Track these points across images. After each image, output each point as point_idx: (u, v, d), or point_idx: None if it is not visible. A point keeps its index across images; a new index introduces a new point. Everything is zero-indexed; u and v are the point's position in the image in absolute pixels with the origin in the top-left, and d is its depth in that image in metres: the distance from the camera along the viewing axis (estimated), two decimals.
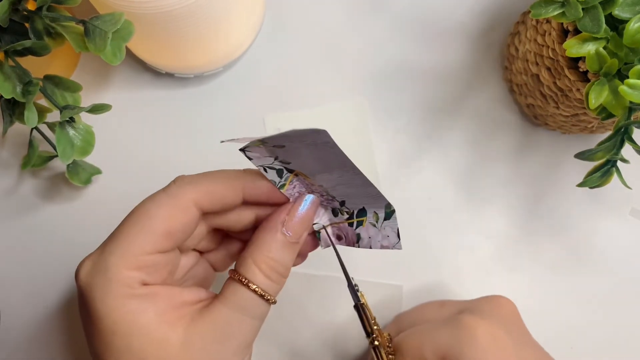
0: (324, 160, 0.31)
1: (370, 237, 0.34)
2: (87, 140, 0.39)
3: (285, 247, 0.31)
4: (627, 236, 0.45)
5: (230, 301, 0.30)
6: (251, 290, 0.30)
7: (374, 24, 0.48)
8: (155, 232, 0.30)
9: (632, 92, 0.30)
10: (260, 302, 0.31)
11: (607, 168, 0.33)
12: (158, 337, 0.29)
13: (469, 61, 0.47)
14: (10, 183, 0.46)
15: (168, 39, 0.40)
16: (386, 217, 0.33)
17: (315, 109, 0.46)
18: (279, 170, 0.32)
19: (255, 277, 0.30)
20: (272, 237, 0.31)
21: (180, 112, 0.47)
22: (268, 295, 0.31)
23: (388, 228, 0.33)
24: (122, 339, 0.29)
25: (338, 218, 0.35)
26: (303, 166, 0.32)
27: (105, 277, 0.29)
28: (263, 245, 0.31)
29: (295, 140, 0.30)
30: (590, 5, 0.31)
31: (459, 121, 0.46)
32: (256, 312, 0.31)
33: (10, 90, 0.35)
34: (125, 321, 0.29)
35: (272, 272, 0.31)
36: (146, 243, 0.30)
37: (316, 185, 0.33)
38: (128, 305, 0.29)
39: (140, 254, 0.30)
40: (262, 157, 0.32)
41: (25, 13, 0.35)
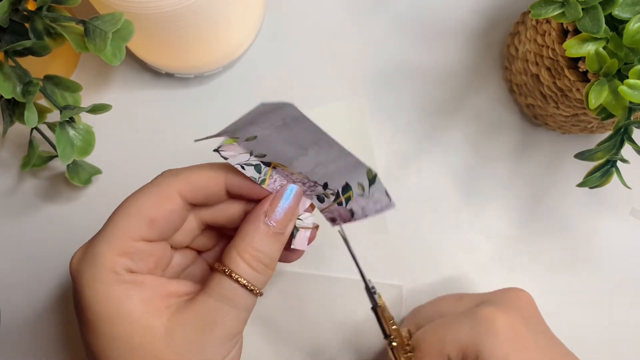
0: (297, 140, 0.31)
1: (362, 207, 0.33)
2: (87, 141, 0.39)
3: (269, 237, 0.31)
4: (627, 236, 0.45)
5: (213, 291, 0.31)
6: (234, 280, 0.30)
7: (374, 24, 0.48)
8: (139, 219, 0.31)
9: (631, 92, 0.30)
10: (244, 292, 0.31)
11: (607, 168, 0.33)
12: (143, 324, 0.30)
13: (468, 61, 0.47)
14: (10, 183, 0.46)
15: (168, 39, 0.40)
16: (371, 183, 0.33)
17: (315, 109, 0.46)
18: (256, 165, 0.32)
19: (239, 267, 0.31)
20: (255, 227, 0.31)
21: (180, 112, 0.47)
22: (252, 286, 0.31)
23: (376, 193, 0.33)
24: (108, 325, 0.30)
25: (325, 203, 0.34)
26: (278, 154, 0.32)
27: (93, 263, 0.30)
28: (246, 236, 0.31)
29: (264, 126, 0.30)
30: (590, 6, 0.31)
31: (459, 121, 0.46)
32: (240, 303, 0.31)
33: (11, 91, 0.35)
34: (111, 307, 0.30)
35: (256, 263, 0.31)
36: (131, 229, 0.31)
37: (296, 174, 0.33)
38: (114, 291, 0.30)
39: (125, 240, 0.30)
40: (237, 155, 0.32)
41: (26, 13, 0.35)
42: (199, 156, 0.46)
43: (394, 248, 0.44)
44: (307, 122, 0.29)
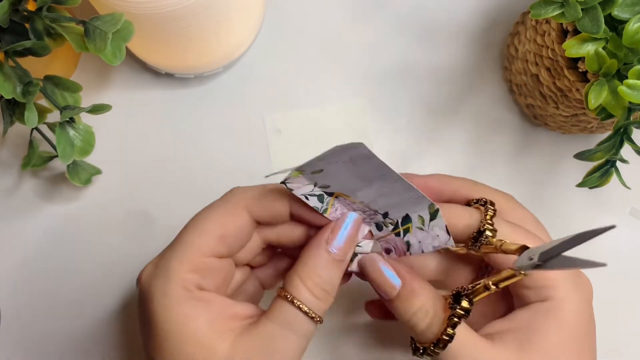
0: (363, 174, 0.31)
1: (419, 241, 0.33)
2: (87, 141, 0.39)
3: (330, 264, 0.32)
4: (626, 236, 0.45)
5: (276, 317, 0.31)
6: (296, 307, 0.31)
7: (374, 25, 0.48)
8: (210, 235, 0.31)
9: (631, 92, 0.30)
10: (306, 319, 0.31)
11: (607, 168, 0.33)
12: (207, 344, 0.30)
13: (468, 61, 0.47)
14: (10, 183, 0.46)
15: (168, 39, 0.40)
16: (432, 218, 0.33)
17: (315, 109, 0.46)
18: (319, 196, 0.33)
19: (301, 293, 0.31)
20: (318, 254, 0.32)
21: (180, 112, 0.47)
22: (313, 313, 0.31)
23: (436, 228, 0.32)
24: (173, 341, 0.30)
25: (383, 231, 0.34)
26: (342, 186, 0.32)
27: (164, 279, 0.31)
28: (308, 262, 0.32)
29: (332, 161, 0.30)
30: (590, 6, 0.31)
31: (459, 121, 0.46)
32: (301, 330, 0.31)
33: (11, 91, 0.35)
34: (179, 324, 0.30)
35: (317, 289, 0.31)
36: (203, 245, 0.31)
37: (357, 203, 0.33)
38: (182, 308, 0.30)
39: (197, 256, 0.31)
40: (302, 187, 0.32)
41: (26, 13, 0.35)
42: (199, 156, 0.46)
43: None
44: (375, 160, 0.30)
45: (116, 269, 0.45)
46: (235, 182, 0.45)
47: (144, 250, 0.45)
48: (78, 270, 0.45)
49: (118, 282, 0.44)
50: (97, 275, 0.45)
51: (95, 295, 0.44)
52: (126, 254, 0.45)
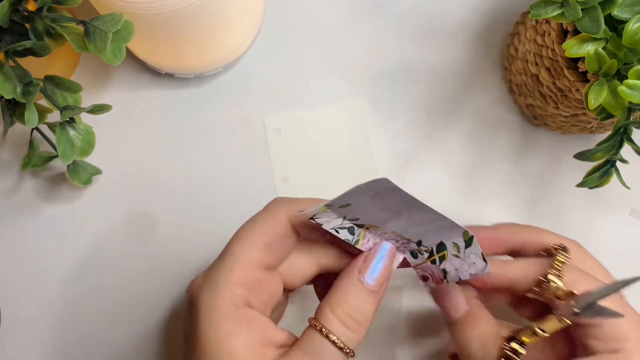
0: (391, 206, 0.31)
1: (456, 269, 0.33)
2: (88, 141, 0.39)
3: (362, 293, 0.31)
4: (626, 236, 0.45)
5: (306, 348, 0.30)
6: (327, 339, 0.30)
7: (374, 24, 0.48)
8: (256, 245, 0.31)
9: (631, 92, 0.30)
10: (336, 351, 0.30)
11: (607, 168, 0.33)
12: None
13: (468, 61, 0.47)
14: (10, 183, 0.46)
15: (168, 39, 0.40)
16: (467, 245, 0.32)
17: (315, 109, 0.47)
18: (349, 228, 0.32)
19: (332, 324, 0.30)
20: (349, 282, 0.31)
21: (180, 113, 0.47)
22: (342, 344, 0.30)
23: (472, 255, 0.32)
24: (211, 356, 0.30)
25: (419, 259, 0.34)
26: (371, 218, 0.32)
27: (213, 291, 0.30)
28: (340, 291, 0.31)
29: (357, 195, 0.30)
30: (590, 6, 0.31)
31: (459, 121, 0.46)
32: None
33: (11, 91, 0.35)
34: (218, 340, 0.30)
35: (348, 319, 0.31)
36: (250, 257, 0.31)
37: (389, 233, 0.33)
38: (226, 325, 0.30)
39: (245, 269, 0.31)
40: (331, 220, 0.32)
41: (26, 14, 0.35)
42: (199, 156, 0.46)
43: None
44: (401, 193, 0.29)
45: (116, 269, 0.45)
46: (235, 182, 0.45)
47: (144, 249, 0.45)
48: (78, 270, 0.45)
49: (118, 282, 0.44)
50: (97, 275, 0.45)
51: (95, 295, 0.44)
52: (127, 253, 0.45)
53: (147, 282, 0.44)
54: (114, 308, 0.44)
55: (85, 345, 0.44)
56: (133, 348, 0.44)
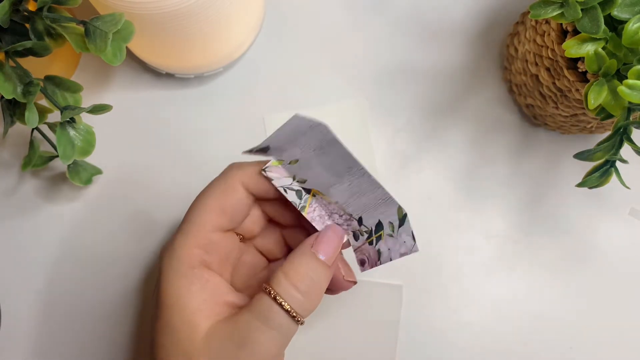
0: (333, 166, 0.32)
1: (389, 249, 0.33)
2: (88, 141, 0.39)
3: (314, 263, 0.32)
4: (626, 236, 0.45)
5: (254, 308, 0.31)
6: (273, 300, 0.31)
7: (374, 25, 0.48)
8: (211, 210, 0.34)
9: (630, 92, 0.30)
10: (283, 315, 0.31)
11: (606, 168, 0.33)
12: (191, 320, 0.31)
13: (468, 61, 0.47)
14: (10, 183, 0.46)
15: (168, 39, 0.40)
16: (401, 224, 0.33)
17: (315, 109, 0.47)
18: (297, 191, 0.34)
19: (282, 288, 0.31)
20: (302, 252, 0.32)
21: (181, 112, 0.47)
22: (290, 307, 0.31)
23: (403, 234, 0.33)
24: (168, 313, 0.32)
25: (359, 241, 0.35)
26: (318, 181, 0.33)
27: (171, 254, 0.33)
28: (293, 260, 0.32)
29: (303, 144, 0.31)
30: (589, 6, 0.31)
31: (459, 121, 0.46)
32: (276, 323, 0.31)
33: (11, 91, 0.35)
34: (174, 297, 0.32)
35: (300, 284, 0.31)
36: (205, 221, 0.33)
37: (333, 204, 0.34)
38: (181, 283, 0.32)
39: (201, 232, 0.33)
40: (282, 178, 0.34)
41: (26, 14, 0.35)
42: (199, 156, 0.46)
43: None
44: (339, 147, 0.30)
45: (117, 269, 0.45)
46: None
47: (144, 249, 0.45)
48: (78, 270, 0.45)
49: (119, 281, 0.44)
50: (97, 275, 0.45)
51: (95, 295, 0.44)
52: (127, 253, 0.45)
53: (147, 282, 0.44)
54: (115, 308, 0.44)
55: (86, 344, 0.44)
56: (135, 348, 0.44)
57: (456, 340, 0.44)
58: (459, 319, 0.44)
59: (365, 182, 0.32)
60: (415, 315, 0.44)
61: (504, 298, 0.44)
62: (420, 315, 0.44)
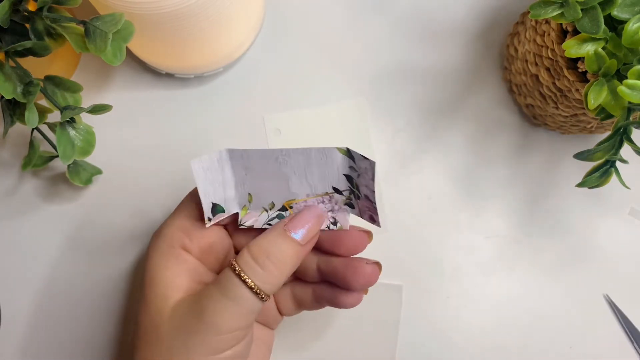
0: (266, 170, 0.34)
1: (364, 185, 0.34)
2: (88, 141, 0.39)
3: (282, 240, 0.32)
4: (626, 236, 0.45)
5: (218, 281, 0.32)
6: (239, 278, 0.31)
7: (374, 25, 0.48)
8: (197, 200, 0.34)
9: (630, 92, 0.30)
10: (244, 288, 0.31)
11: (606, 168, 0.33)
12: (164, 294, 0.33)
13: (468, 61, 0.47)
14: (10, 183, 0.46)
15: (168, 39, 0.40)
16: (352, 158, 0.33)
17: (315, 109, 0.47)
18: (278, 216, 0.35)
19: (247, 265, 0.32)
20: (271, 230, 0.33)
21: (181, 112, 0.47)
22: (257, 289, 0.31)
23: (359, 162, 0.33)
24: (148, 286, 0.34)
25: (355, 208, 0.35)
26: (278, 194, 0.35)
27: (157, 237, 0.35)
28: (261, 237, 0.33)
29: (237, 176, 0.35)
30: (589, 6, 0.31)
31: (459, 121, 0.46)
32: (236, 296, 0.31)
33: (11, 91, 0.35)
34: (154, 272, 0.34)
35: (262, 259, 0.32)
36: (192, 209, 0.35)
37: (309, 200, 0.35)
38: (159, 259, 0.34)
39: (186, 218, 0.35)
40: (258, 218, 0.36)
41: (26, 14, 0.35)
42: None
43: (393, 248, 0.45)
44: (250, 153, 0.33)
45: (117, 269, 0.45)
46: None
47: (144, 249, 0.45)
48: (78, 270, 0.45)
49: (119, 281, 0.44)
50: (98, 275, 0.45)
51: (96, 295, 0.44)
52: (127, 253, 0.45)
53: None
54: (116, 308, 0.44)
55: (86, 344, 0.44)
56: None
57: (456, 340, 0.44)
58: (459, 319, 0.44)
59: (300, 158, 0.33)
60: (415, 315, 0.44)
61: (504, 298, 0.44)
62: (420, 315, 0.44)
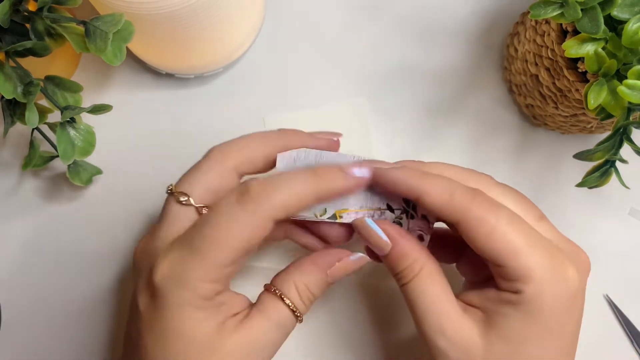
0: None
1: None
2: (88, 141, 0.39)
3: (322, 284, 0.34)
4: (625, 236, 0.45)
5: (268, 313, 0.33)
6: (286, 304, 0.33)
7: (374, 25, 0.48)
8: (235, 250, 0.31)
9: (630, 92, 0.30)
10: (292, 318, 0.33)
11: (606, 168, 0.33)
12: (212, 346, 0.31)
13: (468, 62, 0.47)
14: (11, 183, 0.46)
15: (168, 39, 0.40)
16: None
17: (315, 110, 0.47)
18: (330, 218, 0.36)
19: (291, 294, 0.33)
20: (317, 273, 0.34)
21: (181, 113, 0.47)
22: (298, 312, 0.33)
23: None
24: (181, 342, 0.31)
25: (404, 225, 0.36)
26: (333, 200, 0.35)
27: (185, 289, 0.31)
28: (305, 275, 0.34)
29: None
30: (589, 6, 0.31)
31: (459, 121, 0.46)
32: (286, 326, 0.33)
33: (11, 91, 0.35)
34: (191, 328, 0.31)
35: (305, 297, 0.34)
36: (227, 260, 0.31)
37: (361, 211, 0.35)
38: (198, 314, 0.31)
39: (220, 269, 0.31)
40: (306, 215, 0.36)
41: (26, 14, 0.35)
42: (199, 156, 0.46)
43: None
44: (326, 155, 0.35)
45: (117, 269, 0.45)
46: None
47: None
48: (79, 270, 0.45)
49: (120, 281, 0.44)
50: (98, 275, 0.45)
51: (96, 294, 0.44)
52: (127, 254, 0.45)
53: None
54: (116, 308, 0.44)
55: (87, 344, 0.44)
56: None
57: None
58: None
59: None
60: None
61: None
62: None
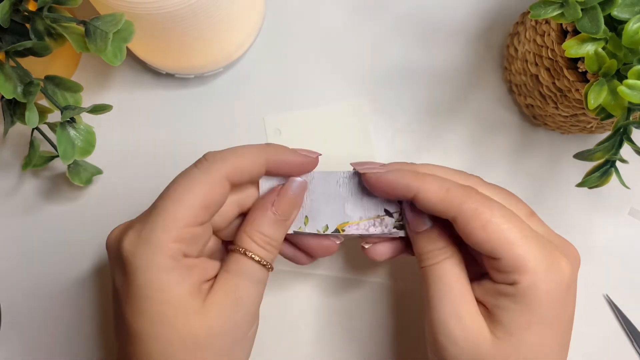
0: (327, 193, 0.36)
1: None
2: (88, 141, 0.39)
3: (274, 223, 0.35)
4: (626, 236, 0.45)
5: (233, 269, 0.34)
6: (249, 257, 0.34)
7: (374, 25, 0.48)
8: (194, 206, 0.33)
9: (630, 92, 0.30)
10: (259, 267, 0.34)
11: (606, 168, 0.33)
12: (187, 308, 0.32)
13: (468, 62, 0.47)
14: (11, 183, 0.46)
15: (168, 39, 0.40)
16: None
17: (315, 110, 0.47)
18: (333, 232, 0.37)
19: (251, 246, 0.34)
20: (263, 214, 0.35)
21: (181, 113, 0.47)
22: (264, 261, 0.34)
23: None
24: (156, 306, 0.32)
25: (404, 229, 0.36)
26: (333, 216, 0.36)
27: (150, 248, 0.32)
28: (254, 221, 0.35)
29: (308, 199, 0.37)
30: (589, 6, 0.31)
31: (459, 121, 0.46)
32: (256, 277, 0.34)
33: (11, 91, 0.35)
34: (162, 291, 0.32)
35: (265, 244, 0.35)
36: (187, 216, 0.33)
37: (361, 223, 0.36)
38: (168, 276, 0.32)
39: (183, 227, 0.33)
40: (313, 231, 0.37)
41: (26, 14, 0.35)
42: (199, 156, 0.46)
43: None
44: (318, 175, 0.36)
45: None
46: None
47: None
48: (79, 270, 0.45)
49: None
50: (98, 275, 0.45)
51: (95, 295, 0.44)
52: None
53: None
54: None
55: (87, 343, 0.44)
56: None
57: None
58: None
59: (357, 180, 0.36)
60: (415, 316, 0.44)
61: None
62: (419, 316, 0.44)
